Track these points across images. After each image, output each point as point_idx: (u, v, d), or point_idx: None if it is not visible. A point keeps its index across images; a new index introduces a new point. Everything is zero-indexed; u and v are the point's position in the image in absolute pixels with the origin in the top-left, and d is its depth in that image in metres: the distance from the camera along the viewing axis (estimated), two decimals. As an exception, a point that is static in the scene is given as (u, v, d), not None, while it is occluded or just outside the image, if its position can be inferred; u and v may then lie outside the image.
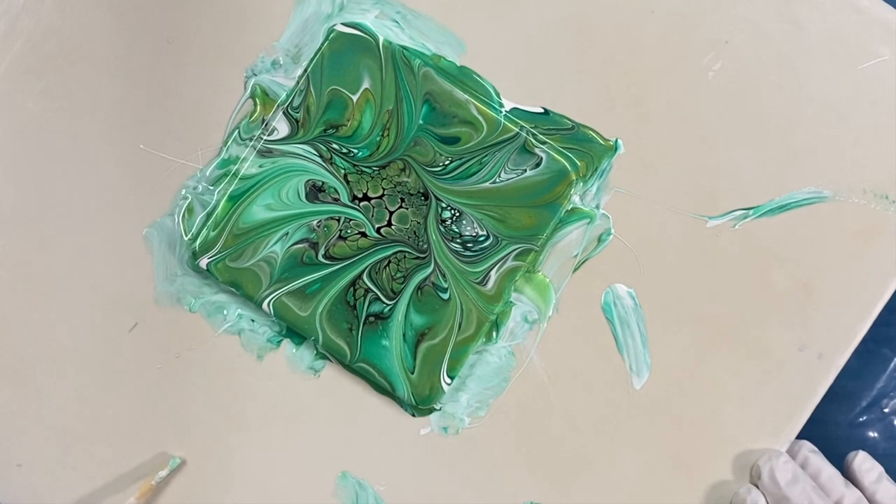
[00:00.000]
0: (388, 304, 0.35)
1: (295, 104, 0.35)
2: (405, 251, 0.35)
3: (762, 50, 0.36)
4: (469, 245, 0.35)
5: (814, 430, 0.36)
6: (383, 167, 0.35)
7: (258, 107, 0.36)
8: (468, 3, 0.36)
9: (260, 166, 0.35)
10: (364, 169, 0.35)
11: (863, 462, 0.35)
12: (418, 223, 0.35)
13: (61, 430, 0.36)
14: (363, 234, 0.35)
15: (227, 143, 0.36)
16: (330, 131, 0.35)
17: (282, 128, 0.35)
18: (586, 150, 0.36)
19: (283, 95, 0.35)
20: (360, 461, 0.36)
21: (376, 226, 0.35)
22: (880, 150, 0.36)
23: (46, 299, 0.36)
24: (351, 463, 0.36)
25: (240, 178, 0.35)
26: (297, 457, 0.36)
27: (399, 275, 0.35)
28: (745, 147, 0.36)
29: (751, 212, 0.36)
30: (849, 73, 0.36)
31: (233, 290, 0.35)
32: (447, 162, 0.35)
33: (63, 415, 0.36)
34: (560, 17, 0.36)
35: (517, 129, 0.35)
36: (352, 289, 0.35)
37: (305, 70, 0.35)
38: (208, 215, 0.35)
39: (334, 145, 0.35)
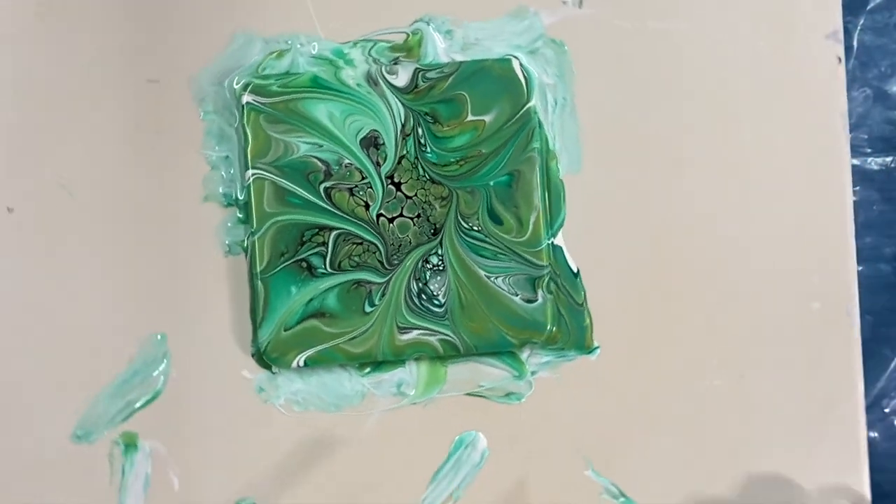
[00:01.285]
0: (324, 270, 0.34)
1: (428, 75, 0.35)
2: (378, 251, 0.35)
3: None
4: (422, 298, 0.35)
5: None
6: (433, 181, 0.35)
7: (406, 46, 0.36)
8: (611, 144, 0.36)
9: (358, 85, 0.35)
10: (421, 168, 0.35)
11: None
12: (409, 243, 0.35)
13: None
14: (366, 206, 0.35)
15: (356, 43, 0.36)
16: (428, 119, 0.35)
17: (402, 78, 0.35)
18: (573, 329, 0.36)
19: (428, 60, 0.36)
20: (183, 344, 0.36)
21: (380, 210, 0.35)
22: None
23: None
24: (175, 338, 0.36)
25: (335, 77, 0.35)
26: (137, 293, 0.36)
27: (355, 259, 0.35)
28: (663, 447, 0.36)
29: (623, 500, 0.36)
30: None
31: (243, 136, 0.35)
32: (476, 229, 0.35)
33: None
34: (657, 221, 0.36)
35: (546, 265, 0.35)
36: (315, 230, 0.34)
37: (462, 63, 0.35)
38: (287, 73, 0.35)
39: (419, 129, 0.35)
